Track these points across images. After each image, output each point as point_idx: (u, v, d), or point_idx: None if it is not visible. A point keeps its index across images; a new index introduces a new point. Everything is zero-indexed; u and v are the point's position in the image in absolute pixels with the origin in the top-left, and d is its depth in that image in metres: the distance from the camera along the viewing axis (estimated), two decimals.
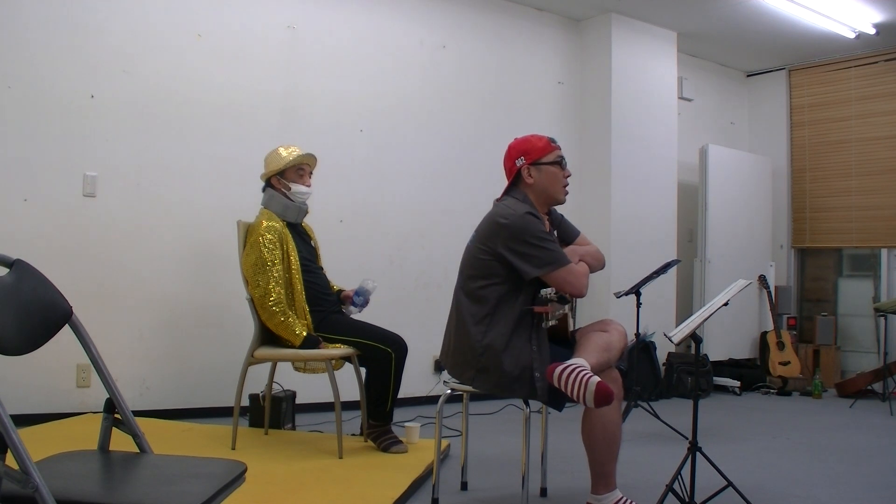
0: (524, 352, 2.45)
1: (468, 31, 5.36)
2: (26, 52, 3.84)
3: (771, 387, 6.08)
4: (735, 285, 2.84)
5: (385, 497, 2.71)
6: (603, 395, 2.21)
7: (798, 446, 4.05)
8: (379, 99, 4.93)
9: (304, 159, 3.59)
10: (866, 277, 6.65)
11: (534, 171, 2.60)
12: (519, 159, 2.61)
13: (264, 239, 3.35)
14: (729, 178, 6.35)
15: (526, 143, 2.64)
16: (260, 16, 4.50)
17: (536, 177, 2.60)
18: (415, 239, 5.05)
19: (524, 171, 2.60)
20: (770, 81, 7.09)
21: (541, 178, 2.60)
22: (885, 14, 5.63)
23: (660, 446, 3.88)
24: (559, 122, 5.77)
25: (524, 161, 2.60)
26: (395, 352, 3.39)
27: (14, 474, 1.26)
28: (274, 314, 3.31)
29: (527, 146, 2.63)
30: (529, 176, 2.60)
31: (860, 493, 3.13)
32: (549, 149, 2.62)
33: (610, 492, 2.50)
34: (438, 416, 2.70)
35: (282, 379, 3.85)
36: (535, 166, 2.60)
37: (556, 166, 2.61)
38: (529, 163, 2.60)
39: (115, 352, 3.84)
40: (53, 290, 1.65)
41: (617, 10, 5.72)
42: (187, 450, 3.24)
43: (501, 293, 2.51)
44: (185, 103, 4.24)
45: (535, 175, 2.60)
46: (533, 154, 2.61)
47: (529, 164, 2.60)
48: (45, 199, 3.88)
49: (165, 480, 1.54)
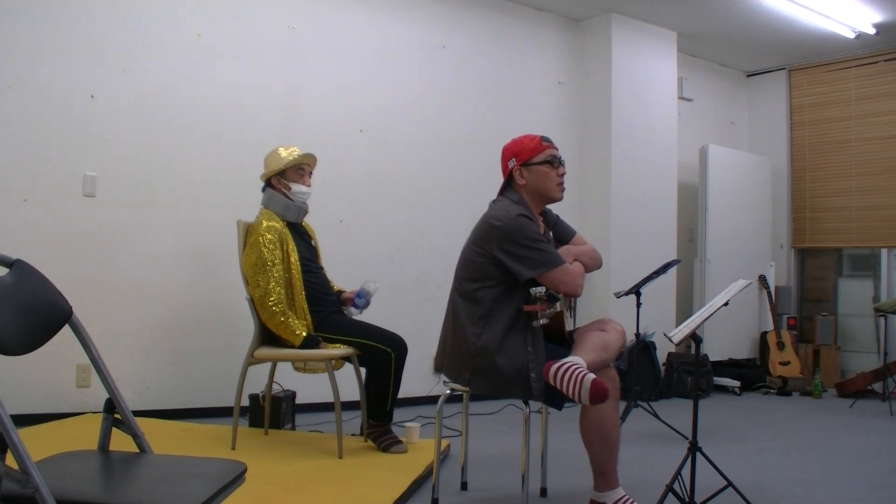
0: (520, 352, 2.46)
1: (468, 31, 5.36)
2: (26, 52, 3.84)
3: (771, 387, 6.08)
4: (735, 285, 2.84)
5: (385, 497, 2.71)
6: (598, 393, 2.21)
7: (798, 446, 4.04)
8: (379, 99, 4.93)
9: (305, 159, 3.59)
10: (866, 277, 6.65)
11: (525, 172, 2.61)
12: (510, 161, 2.63)
13: (264, 239, 3.35)
14: (729, 178, 6.35)
15: (517, 145, 2.65)
16: (260, 16, 4.50)
17: (528, 177, 2.61)
18: (415, 239, 5.05)
19: (516, 173, 2.62)
20: (770, 81, 7.09)
21: (532, 178, 2.61)
22: (885, 14, 5.63)
23: (660, 446, 3.88)
24: (559, 122, 5.77)
25: (515, 162, 2.62)
26: (395, 352, 3.39)
27: (14, 474, 1.26)
28: (274, 314, 3.31)
29: (518, 147, 2.64)
30: (521, 177, 2.61)
31: (860, 493, 3.13)
32: (539, 148, 2.62)
33: (611, 489, 2.51)
34: (438, 416, 2.70)
35: (282, 379, 3.85)
36: (525, 167, 2.61)
37: (546, 165, 2.61)
38: (520, 164, 2.61)
39: (115, 352, 3.84)
40: (53, 290, 1.65)
41: (617, 10, 5.72)
42: (187, 450, 3.24)
43: (496, 295, 2.51)
44: (185, 103, 4.24)
45: (526, 176, 2.61)
46: (523, 155, 2.62)
47: (520, 165, 2.61)
48: (45, 199, 3.88)
49: (165, 480, 1.54)
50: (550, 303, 2.43)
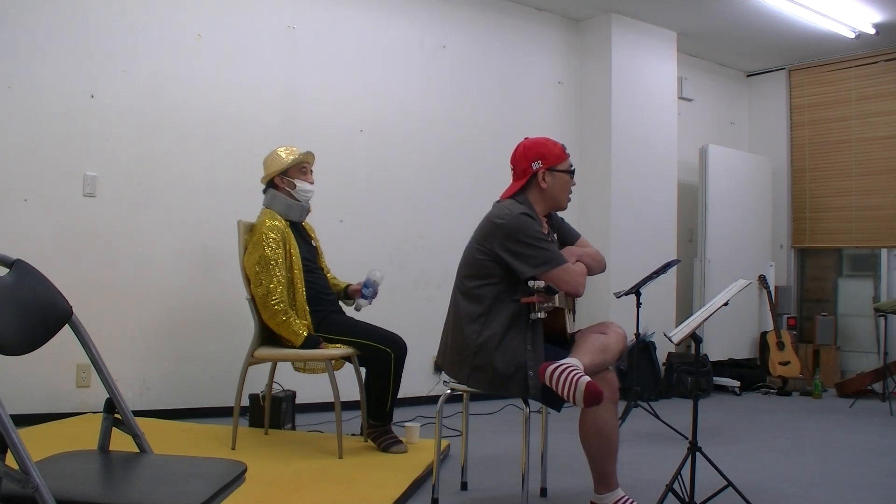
0: (518, 351, 2.46)
1: (468, 31, 5.36)
2: (26, 52, 3.85)
3: (771, 387, 6.08)
4: (735, 285, 2.84)
5: (385, 497, 2.71)
6: (592, 396, 2.21)
7: (798, 446, 4.04)
8: (379, 99, 4.93)
9: (307, 157, 3.60)
10: (866, 277, 6.65)
11: (548, 177, 2.61)
12: (536, 162, 2.61)
13: (267, 238, 3.35)
14: (729, 178, 6.35)
15: (543, 147, 2.64)
16: (260, 16, 4.50)
17: (550, 182, 2.61)
18: (415, 239, 5.05)
19: (539, 175, 2.61)
20: (770, 81, 7.09)
21: (554, 184, 2.62)
22: (885, 14, 5.62)
23: (660, 446, 3.88)
24: (559, 122, 5.77)
25: (541, 165, 2.61)
26: (395, 352, 3.39)
27: (14, 474, 1.26)
28: (276, 313, 3.30)
29: (544, 150, 2.63)
30: (544, 181, 2.61)
31: (860, 493, 3.13)
32: (564, 156, 2.66)
33: (611, 491, 2.51)
34: (438, 416, 2.70)
35: (282, 379, 3.85)
36: (550, 172, 2.61)
37: (568, 175, 2.64)
38: (546, 168, 2.61)
39: (115, 352, 3.84)
40: (53, 290, 1.65)
41: (617, 10, 5.72)
42: (187, 450, 3.24)
43: (497, 293, 2.52)
44: (184, 103, 4.24)
45: (549, 180, 2.61)
46: (550, 160, 2.62)
47: (546, 168, 2.61)
48: (45, 199, 3.88)
49: (165, 480, 1.54)
50: (548, 295, 2.43)
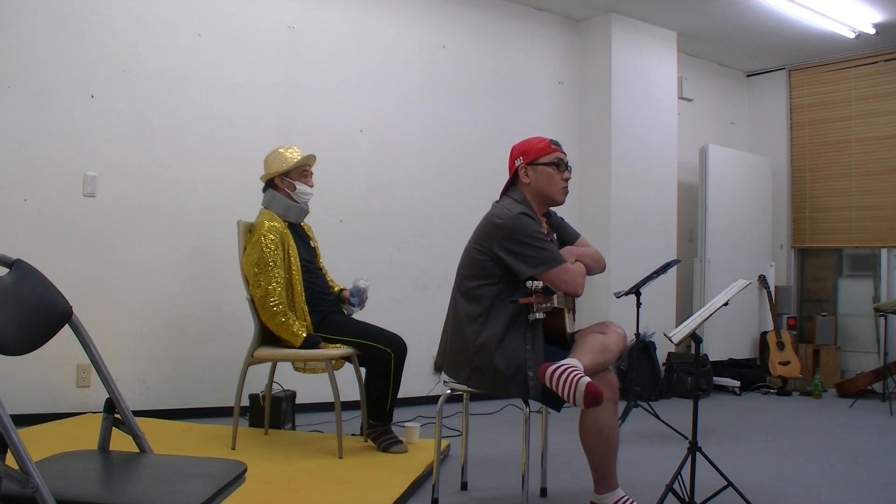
0: (518, 351, 2.46)
1: (468, 31, 5.36)
2: (26, 52, 3.85)
3: (771, 387, 6.08)
4: (735, 285, 2.84)
5: (385, 497, 2.71)
6: (592, 397, 2.21)
7: (798, 446, 4.05)
8: (379, 99, 4.93)
9: (309, 160, 3.60)
10: (866, 277, 6.65)
11: (530, 171, 2.63)
12: (518, 159, 2.66)
13: (266, 239, 3.35)
14: (729, 178, 6.35)
15: (526, 144, 2.68)
16: (260, 16, 4.50)
17: (532, 176, 2.62)
18: (415, 239, 5.05)
19: (521, 171, 2.64)
20: (770, 81, 7.09)
21: (536, 177, 2.62)
22: (885, 14, 5.63)
23: (660, 446, 3.88)
24: (559, 122, 5.77)
25: (522, 161, 2.64)
26: (395, 352, 3.39)
27: (14, 474, 1.26)
28: (275, 314, 3.31)
29: (526, 146, 2.67)
30: (526, 175, 2.63)
31: (860, 493, 3.13)
32: (547, 150, 2.64)
33: (611, 491, 2.51)
34: (438, 416, 2.70)
35: (282, 379, 3.85)
36: (531, 166, 2.63)
37: (552, 167, 2.63)
38: (527, 162, 2.63)
39: (115, 352, 3.84)
40: (53, 290, 1.65)
41: (617, 10, 5.72)
42: (187, 450, 3.24)
43: (496, 293, 2.52)
44: (184, 103, 4.24)
45: (531, 175, 2.63)
46: (531, 154, 2.64)
47: (527, 163, 2.63)
48: (45, 199, 3.88)
49: (165, 480, 1.54)
50: (546, 296, 2.43)
